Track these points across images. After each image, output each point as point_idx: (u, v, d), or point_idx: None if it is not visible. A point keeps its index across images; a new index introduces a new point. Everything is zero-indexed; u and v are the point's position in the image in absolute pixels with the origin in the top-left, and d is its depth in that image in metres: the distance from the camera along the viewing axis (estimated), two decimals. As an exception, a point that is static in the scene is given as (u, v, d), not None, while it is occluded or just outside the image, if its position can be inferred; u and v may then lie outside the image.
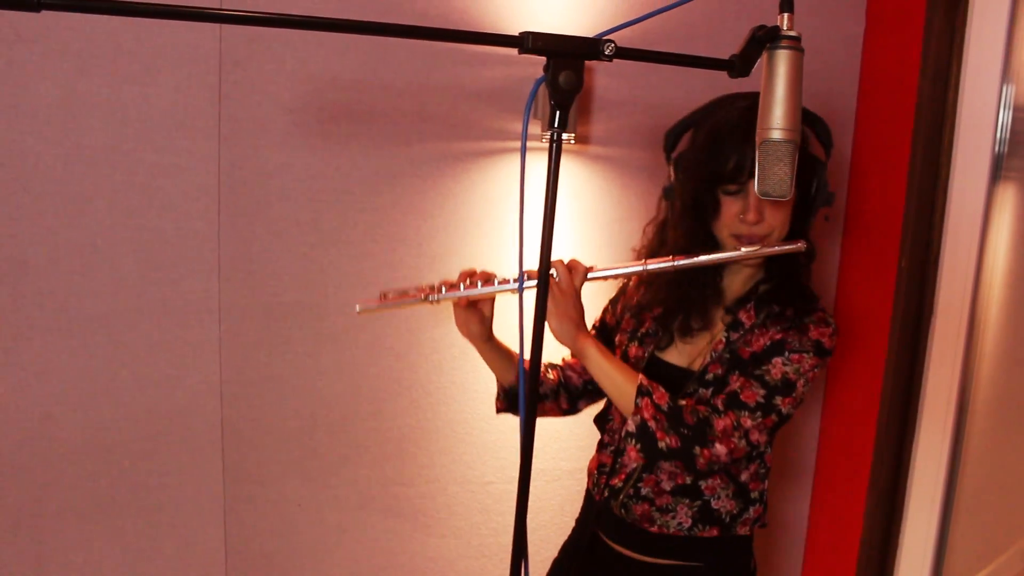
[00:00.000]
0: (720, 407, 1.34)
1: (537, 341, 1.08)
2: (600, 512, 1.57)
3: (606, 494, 1.54)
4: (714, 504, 1.46)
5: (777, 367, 1.35)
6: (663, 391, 1.35)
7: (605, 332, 1.67)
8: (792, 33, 1.02)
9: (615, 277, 1.40)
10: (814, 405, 2.30)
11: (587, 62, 1.01)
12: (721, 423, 1.32)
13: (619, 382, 1.36)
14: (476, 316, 1.48)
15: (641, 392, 1.34)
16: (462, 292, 1.38)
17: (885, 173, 2.03)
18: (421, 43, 1.86)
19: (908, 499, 2.00)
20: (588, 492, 1.65)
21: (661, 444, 1.32)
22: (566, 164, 1.96)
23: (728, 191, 1.37)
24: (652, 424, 1.32)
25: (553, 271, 1.32)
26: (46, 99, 1.73)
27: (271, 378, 1.96)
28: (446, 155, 1.94)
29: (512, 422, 2.08)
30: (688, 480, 1.45)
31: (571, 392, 1.66)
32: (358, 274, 1.95)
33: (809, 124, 1.40)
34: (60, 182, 1.77)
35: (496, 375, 1.59)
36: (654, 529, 1.47)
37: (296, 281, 1.93)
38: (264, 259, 1.90)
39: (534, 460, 2.03)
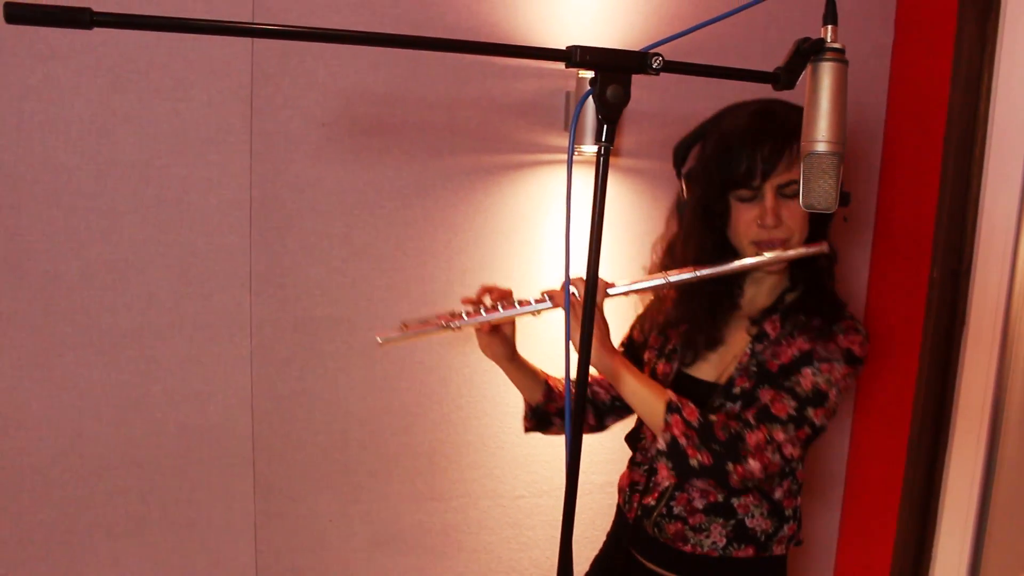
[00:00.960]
0: (752, 421, 1.32)
1: (574, 361, 1.06)
2: (633, 530, 1.56)
3: (639, 513, 1.52)
4: (748, 523, 1.44)
5: (807, 378, 1.33)
6: (692, 407, 1.32)
7: (633, 349, 1.66)
8: (836, 45, 1.02)
9: (636, 292, 1.38)
10: (844, 417, 2.29)
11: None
12: (754, 438, 1.29)
13: (647, 399, 1.34)
14: (498, 338, 1.48)
15: (670, 409, 1.31)
16: (484, 317, 1.37)
17: (916, 183, 2.02)
18: (452, 56, 1.86)
19: (941, 513, 1.98)
20: (619, 508, 1.64)
21: (693, 461, 1.29)
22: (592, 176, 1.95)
23: (742, 197, 1.37)
24: (683, 441, 1.29)
25: (573, 289, 1.30)
26: (79, 114, 1.73)
27: (302, 393, 1.95)
28: (477, 168, 1.94)
29: (544, 436, 2.06)
30: (720, 498, 1.43)
31: (599, 408, 1.65)
32: (389, 288, 1.94)
33: None
34: (92, 197, 1.77)
35: (523, 394, 1.58)
36: (688, 548, 1.45)
37: (327, 295, 1.92)
38: (295, 273, 1.90)
39: (563, 475, 2.05)
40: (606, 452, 2.09)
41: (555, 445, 2.07)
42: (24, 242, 1.75)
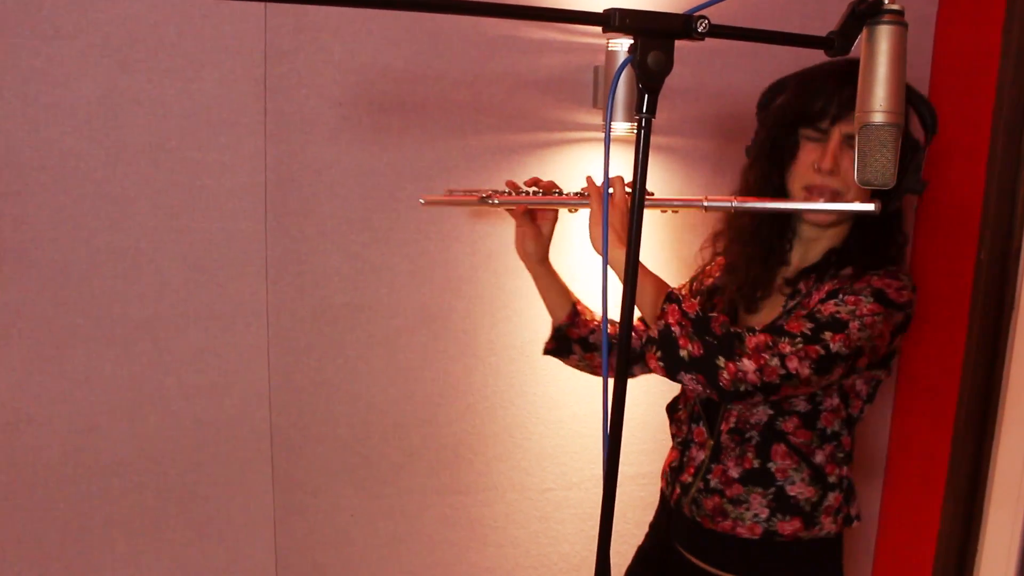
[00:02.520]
0: (757, 328, 1.25)
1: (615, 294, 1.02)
2: (673, 517, 1.50)
3: (677, 491, 1.47)
4: (789, 490, 1.36)
5: (828, 307, 1.24)
6: (695, 302, 1.24)
7: None
8: (895, 7, 0.94)
9: (671, 207, 1.33)
10: (885, 401, 2.21)
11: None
12: (754, 340, 1.19)
13: (650, 291, 1.25)
14: (532, 231, 1.43)
15: (669, 299, 1.22)
16: (520, 200, 1.37)
17: (962, 161, 1.93)
18: (474, 31, 1.78)
19: (989, 500, 1.91)
20: (663, 495, 1.57)
21: (683, 352, 1.18)
22: (626, 155, 1.87)
23: (810, 136, 1.31)
24: (676, 330, 1.19)
25: (610, 188, 1.23)
26: (86, 97, 1.65)
27: (322, 384, 1.88)
28: (502, 147, 1.85)
29: (573, 426, 2.00)
30: (756, 463, 1.36)
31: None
32: (411, 273, 1.87)
33: (912, 104, 1.30)
34: (101, 183, 1.70)
35: (548, 308, 1.50)
36: (728, 525, 1.38)
37: (347, 282, 1.85)
38: (313, 260, 1.82)
39: (593, 466, 1.99)
40: (637, 443, 2.02)
41: (584, 436, 2.00)
42: (31, 230, 1.68)
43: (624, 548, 1.62)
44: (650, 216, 1.94)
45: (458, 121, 1.82)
